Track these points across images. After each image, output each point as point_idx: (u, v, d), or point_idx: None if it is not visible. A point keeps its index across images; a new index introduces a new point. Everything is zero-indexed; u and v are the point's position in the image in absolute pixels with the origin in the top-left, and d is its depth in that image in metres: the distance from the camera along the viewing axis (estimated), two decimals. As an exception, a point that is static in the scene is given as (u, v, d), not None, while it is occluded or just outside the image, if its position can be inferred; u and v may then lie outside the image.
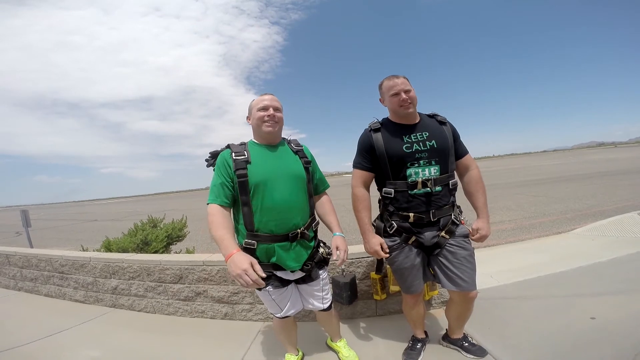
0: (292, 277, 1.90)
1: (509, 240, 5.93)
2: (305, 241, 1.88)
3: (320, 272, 1.99)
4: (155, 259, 3.36)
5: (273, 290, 1.87)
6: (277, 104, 1.90)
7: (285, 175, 1.83)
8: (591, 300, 2.76)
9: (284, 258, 1.80)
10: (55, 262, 3.93)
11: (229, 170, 1.78)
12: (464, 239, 1.99)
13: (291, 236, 1.80)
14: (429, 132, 1.96)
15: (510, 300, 2.95)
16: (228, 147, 1.88)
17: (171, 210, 18.27)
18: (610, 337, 2.20)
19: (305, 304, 2.06)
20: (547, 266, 3.74)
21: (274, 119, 1.86)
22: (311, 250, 1.92)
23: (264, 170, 1.79)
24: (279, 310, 1.96)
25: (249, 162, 1.79)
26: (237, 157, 1.79)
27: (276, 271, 1.83)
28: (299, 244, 1.85)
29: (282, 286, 1.88)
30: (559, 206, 9.14)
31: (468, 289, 1.92)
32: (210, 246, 9.07)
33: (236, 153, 1.81)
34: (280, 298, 1.92)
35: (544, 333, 2.35)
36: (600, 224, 5.66)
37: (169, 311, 3.29)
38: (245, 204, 1.76)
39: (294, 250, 1.83)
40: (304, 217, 1.88)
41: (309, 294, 2.02)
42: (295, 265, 1.83)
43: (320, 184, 2.12)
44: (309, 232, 1.89)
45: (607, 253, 3.95)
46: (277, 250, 1.79)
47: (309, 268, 1.89)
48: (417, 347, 2.25)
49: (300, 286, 2.00)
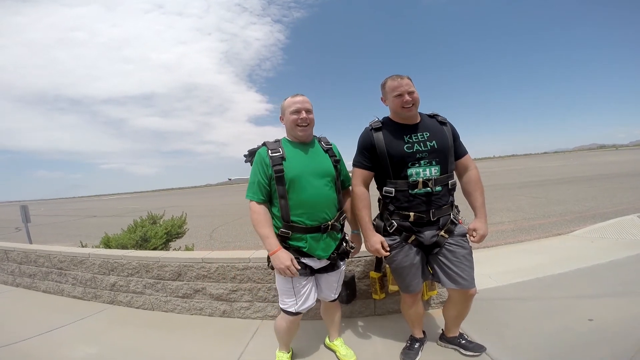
0: (318, 264, 1.98)
1: (508, 241, 5.93)
2: (334, 233, 2.00)
3: (341, 262, 2.11)
4: (154, 255, 3.36)
5: (298, 277, 1.93)
6: (308, 105, 1.98)
7: (317, 172, 1.95)
8: (589, 302, 2.76)
9: (314, 247, 1.92)
10: (54, 258, 3.93)
11: (265, 167, 1.90)
12: (462, 237, 2.01)
13: (323, 228, 1.92)
14: (430, 133, 1.97)
15: (508, 301, 2.95)
16: (264, 145, 1.99)
17: (171, 207, 18.29)
18: (607, 338, 2.20)
19: (319, 294, 2.13)
20: (546, 268, 3.74)
21: (306, 121, 1.96)
22: (338, 242, 2.04)
23: (297, 166, 1.91)
24: (294, 304, 1.98)
25: (284, 158, 1.90)
26: (273, 153, 1.91)
27: (303, 258, 1.93)
28: (329, 235, 1.97)
29: (306, 275, 1.96)
30: (559, 208, 9.15)
31: (467, 286, 1.95)
32: (209, 243, 9.08)
33: (272, 150, 1.92)
34: (300, 286, 1.97)
35: (542, 334, 2.35)
36: (600, 226, 5.68)
37: (167, 308, 3.28)
38: (282, 196, 1.89)
39: (324, 241, 1.95)
40: (333, 211, 1.99)
41: (326, 283, 2.12)
42: (323, 254, 1.95)
43: (346, 180, 2.21)
44: (338, 224, 2.01)
45: (606, 255, 3.96)
46: (309, 240, 1.90)
47: (334, 257, 2.01)
48: (415, 346, 2.25)
49: (321, 275, 2.07)
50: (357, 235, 2.18)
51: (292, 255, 1.85)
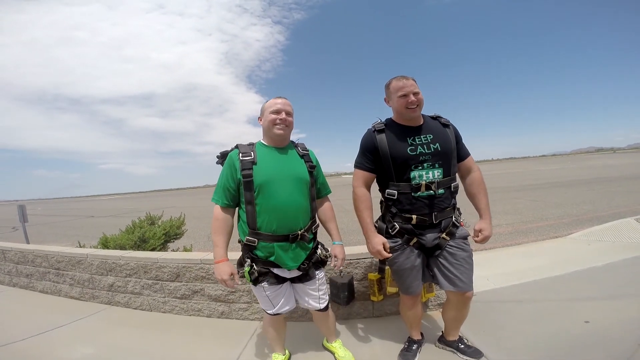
0: (289, 275, 1.95)
1: (506, 244, 5.94)
2: (304, 243, 1.94)
3: (317, 272, 2.05)
4: (152, 256, 3.35)
5: (268, 286, 1.93)
6: (289, 108, 1.96)
7: (289, 177, 1.89)
8: (586, 305, 2.78)
9: (282, 258, 1.86)
10: (51, 258, 3.92)
11: (234, 172, 1.87)
12: (464, 240, 2.02)
13: (291, 237, 1.86)
14: (433, 135, 1.97)
15: (506, 303, 2.97)
16: (236, 147, 1.95)
17: (170, 207, 18.25)
18: (603, 341, 2.22)
19: (301, 302, 2.10)
20: (543, 270, 3.76)
21: (285, 122, 1.92)
22: (309, 251, 1.97)
23: (268, 170, 1.85)
24: (271, 307, 2.00)
25: (255, 162, 1.86)
26: (244, 157, 1.86)
27: (273, 268, 1.90)
28: (298, 245, 1.91)
29: (277, 283, 1.94)
30: (557, 211, 9.17)
31: (465, 289, 1.95)
32: (207, 245, 9.07)
33: (243, 154, 1.88)
34: (274, 295, 1.96)
35: (539, 336, 2.36)
36: (597, 229, 5.69)
37: (165, 309, 3.28)
38: (249, 202, 1.84)
39: (293, 251, 1.89)
40: (305, 219, 1.94)
41: (304, 292, 2.06)
42: (292, 265, 1.90)
43: (322, 189, 2.16)
44: (308, 235, 1.96)
45: (603, 258, 3.98)
46: (276, 249, 1.85)
47: (306, 267, 1.95)
48: (413, 348, 2.26)
49: (296, 285, 2.04)
50: (340, 247, 2.11)
51: (234, 270, 1.89)
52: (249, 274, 1.86)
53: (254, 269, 1.86)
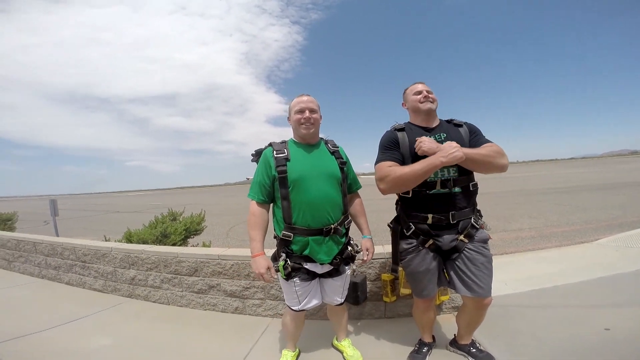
0: (321, 270, 1.99)
1: (527, 248, 5.77)
2: (337, 236, 1.99)
3: (347, 267, 2.10)
4: (172, 251, 3.47)
5: (299, 282, 1.97)
6: (313, 105, 2.00)
7: (322, 173, 1.96)
8: (608, 312, 2.68)
9: (316, 251, 1.92)
10: (78, 251, 4.10)
11: (269, 169, 1.93)
12: (483, 244, 1.95)
13: (325, 231, 1.91)
14: (447, 134, 1.96)
15: (523, 308, 2.89)
16: (270, 145, 2.02)
17: (190, 204, 18.63)
18: (621, 348, 2.14)
19: (325, 298, 2.15)
20: (565, 276, 3.64)
21: (309, 121, 1.97)
22: (342, 246, 2.02)
23: (302, 167, 1.92)
24: (297, 303, 2.04)
25: (289, 159, 1.93)
26: (278, 154, 1.94)
27: (306, 263, 1.94)
28: (331, 239, 1.96)
29: (308, 279, 1.98)
30: (583, 215, 8.82)
31: (483, 295, 1.88)
32: (226, 241, 9.24)
33: (277, 151, 1.96)
34: (303, 291, 2.01)
35: (554, 343, 2.29)
36: (626, 234, 5.47)
37: (182, 303, 3.38)
38: (284, 198, 1.91)
39: (326, 245, 1.94)
40: (338, 214, 1.98)
41: (331, 288, 2.11)
42: (326, 258, 1.94)
43: (353, 184, 2.21)
44: (341, 228, 2.00)
45: (631, 265, 3.81)
46: (311, 243, 1.91)
47: (338, 262, 2.00)
48: (423, 350, 2.24)
49: (325, 280, 2.08)
50: (370, 241, 2.18)
51: (270, 264, 1.94)
52: (283, 269, 1.91)
53: (287, 264, 1.91)
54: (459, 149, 1.75)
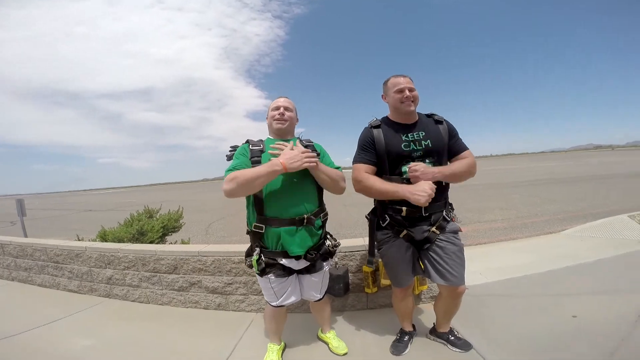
0: (297, 266, 1.98)
1: (500, 239, 6.01)
2: (311, 227, 1.96)
3: (324, 264, 2.10)
4: (150, 249, 3.39)
5: (275, 278, 1.97)
6: (288, 104, 2.10)
7: None
8: (575, 300, 2.83)
9: (288, 242, 1.88)
10: (50, 252, 3.95)
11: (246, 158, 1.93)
12: (454, 234, 2.06)
13: (297, 220, 1.89)
14: (425, 132, 2.03)
15: (496, 297, 3.03)
16: (247, 142, 2.07)
17: (168, 201, 18.23)
18: (589, 335, 2.26)
19: (303, 294, 2.16)
20: (535, 265, 3.82)
21: (283, 117, 2.06)
22: (317, 239, 2.01)
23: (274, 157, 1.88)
24: (275, 299, 2.05)
25: (263, 151, 1.97)
26: (254, 147, 1.99)
27: (281, 259, 1.93)
28: (304, 229, 1.93)
29: (284, 275, 1.98)
30: (552, 207, 9.25)
31: (456, 283, 1.99)
32: (205, 238, 9.12)
33: (253, 144, 2.02)
34: (279, 287, 2.01)
35: (526, 330, 2.41)
36: (591, 225, 5.76)
37: (163, 301, 3.33)
38: None
39: (299, 235, 1.90)
40: (311, 205, 1.97)
41: (309, 284, 2.12)
42: (299, 250, 1.90)
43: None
44: (316, 219, 1.98)
45: (595, 254, 4.04)
46: (283, 234, 1.88)
47: (313, 257, 1.97)
48: (405, 339, 2.32)
49: (303, 276, 2.08)
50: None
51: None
52: (257, 264, 1.90)
53: (261, 259, 1.90)
54: (428, 196, 1.82)
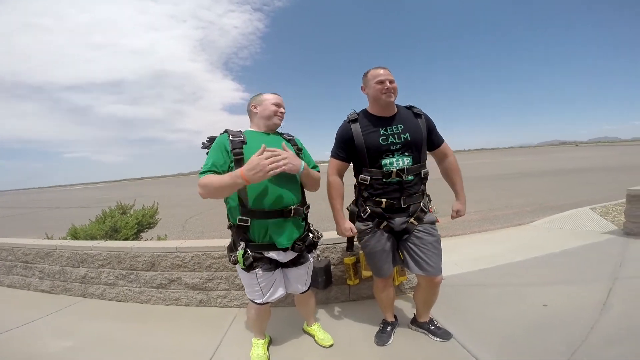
0: (284, 258, 1.98)
1: (474, 231, 6.25)
2: (298, 219, 1.98)
3: (310, 255, 2.13)
4: (126, 245, 3.30)
5: (262, 272, 1.93)
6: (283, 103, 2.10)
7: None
8: (544, 289, 2.97)
9: (277, 234, 1.88)
10: (17, 251, 3.76)
11: (224, 152, 1.84)
12: (432, 225, 2.13)
13: (285, 212, 1.89)
14: (404, 125, 2.07)
15: (471, 287, 3.15)
16: (226, 132, 1.95)
17: (141, 196, 17.66)
18: (560, 324, 2.37)
19: (288, 288, 2.15)
20: (506, 256, 3.99)
21: (283, 115, 2.07)
22: (302, 230, 2.04)
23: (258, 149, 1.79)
24: (261, 295, 2.00)
25: (245, 142, 1.88)
26: (234, 138, 1.88)
27: (268, 252, 1.91)
28: (291, 220, 1.94)
29: (271, 269, 1.95)
30: (521, 200, 9.68)
31: (434, 273, 2.06)
32: (182, 234, 8.95)
33: (233, 135, 1.90)
34: (266, 282, 1.97)
35: (501, 318, 2.51)
36: (557, 217, 6.10)
37: (142, 299, 3.26)
38: None
39: (286, 227, 1.91)
40: (295, 198, 1.97)
41: (295, 277, 2.12)
42: (286, 242, 1.90)
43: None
44: (301, 210, 1.99)
45: (561, 244, 4.25)
46: (270, 226, 1.87)
47: (300, 248, 1.99)
48: (388, 330, 2.38)
49: (289, 269, 2.07)
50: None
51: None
52: (243, 259, 1.84)
53: (248, 254, 1.85)
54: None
